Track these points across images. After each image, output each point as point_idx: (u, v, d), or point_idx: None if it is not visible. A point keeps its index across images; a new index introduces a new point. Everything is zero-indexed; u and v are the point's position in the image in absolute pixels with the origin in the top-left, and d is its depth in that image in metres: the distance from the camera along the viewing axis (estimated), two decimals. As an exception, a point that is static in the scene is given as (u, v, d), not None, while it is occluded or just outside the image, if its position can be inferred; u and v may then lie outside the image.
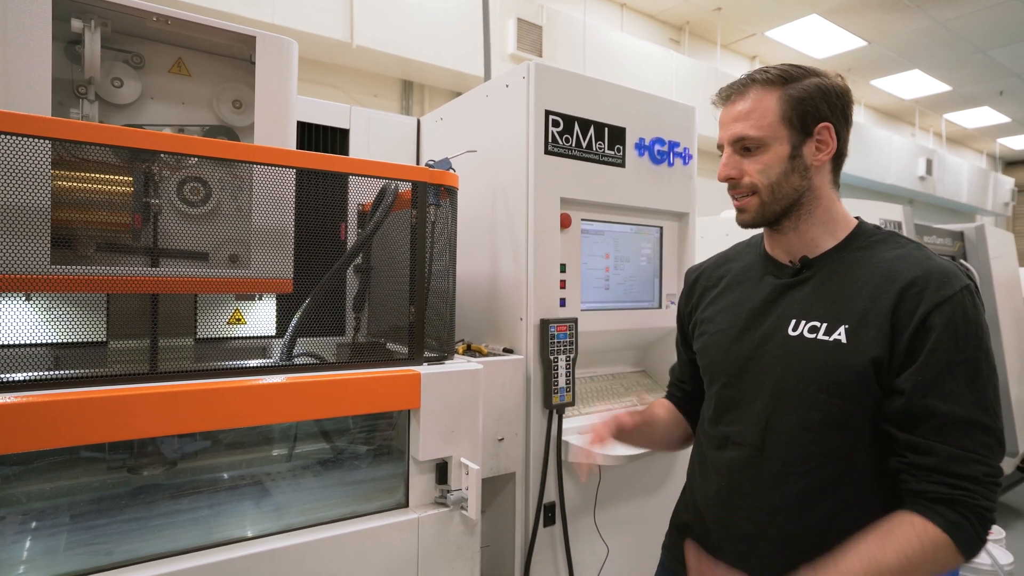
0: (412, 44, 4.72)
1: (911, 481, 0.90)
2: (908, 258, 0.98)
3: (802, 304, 1.03)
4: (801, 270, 1.06)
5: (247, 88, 1.50)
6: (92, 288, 1.10)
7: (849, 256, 1.03)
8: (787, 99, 1.01)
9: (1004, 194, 12.82)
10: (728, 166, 1.05)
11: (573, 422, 1.85)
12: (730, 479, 1.06)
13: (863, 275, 0.99)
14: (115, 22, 1.36)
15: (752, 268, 1.16)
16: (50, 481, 1.27)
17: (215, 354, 1.47)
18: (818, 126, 1.01)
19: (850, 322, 0.95)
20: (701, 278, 1.26)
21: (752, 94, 1.03)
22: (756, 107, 1.02)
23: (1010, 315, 4.16)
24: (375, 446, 1.59)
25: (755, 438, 1.03)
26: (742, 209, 1.06)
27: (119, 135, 1.10)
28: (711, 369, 1.15)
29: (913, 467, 0.90)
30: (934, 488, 0.87)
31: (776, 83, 1.01)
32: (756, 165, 1.02)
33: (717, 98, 1.10)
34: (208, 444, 1.47)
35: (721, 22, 7.15)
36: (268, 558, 1.16)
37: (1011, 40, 7.47)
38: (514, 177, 1.81)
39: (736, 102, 1.04)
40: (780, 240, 1.09)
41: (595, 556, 1.88)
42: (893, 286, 0.94)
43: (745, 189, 1.04)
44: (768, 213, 1.04)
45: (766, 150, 1.01)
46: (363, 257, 1.58)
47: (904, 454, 0.91)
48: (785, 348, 1.01)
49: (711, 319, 1.17)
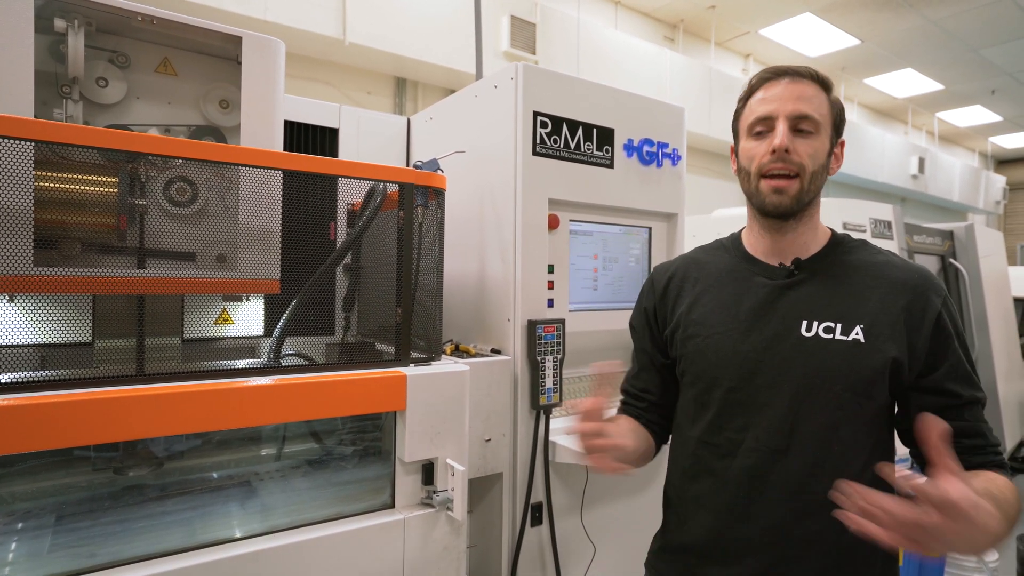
0: (405, 41, 4.70)
1: (967, 457, 0.95)
2: (895, 263, 1.06)
3: (808, 305, 1.03)
4: (794, 271, 1.07)
5: (234, 88, 1.49)
6: (77, 289, 1.10)
7: (837, 260, 1.07)
8: (834, 102, 1.06)
9: (995, 192, 12.90)
10: (787, 137, 1.00)
11: (560, 422, 1.86)
12: (749, 488, 1.01)
13: (860, 278, 1.04)
14: (99, 21, 1.35)
15: (734, 269, 1.13)
16: (34, 482, 1.27)
17: (203, 354, 1.47)
18: (839, 138, 1.08)
19: (864, 322, 0.99)
20: (675, 278, 1.20)
21: (810, 84, 1.03)
22: (816, 96, 1.03)
23: (999, 313, 4.20)
24: (362, 447, 1.59)
25: (778, 442, 1.00)
26: (782, 191, 1.02)
27: (101, 137, 1.09)
28: (709, 374, 1.08)
29: (966, 448, 0.97)
30: (991, 459, 0.98)
31: (825, 86, 1.05)
32: (810, 148, 1.01)
33: (767, 74, 1.06)
34: (195, 444, 1.47)
35: (715, 20, 7.16)
36: (253, 559, 1.16)
37: (1003, 39, 7.50)
38: (502, 178, 1.81)
39: (795, 83, 1.03)
40: (775, 239, 1.09)
41: (582, 556, 1.89)
42: (897, 289, 1.01)
43: (793, 167, 1.01)
44: (802, 201, 1.03)
45: (818, 137, 1.02)
46: (351, 257, 1.58)
47: (957, 440, 0.92)
48: (801, 349, 1.01)
49: (700, 321, 1.11)
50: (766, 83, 1.05)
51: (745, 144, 1.07)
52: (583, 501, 1.88)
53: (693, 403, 1.12)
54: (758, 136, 1.04)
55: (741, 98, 1.11)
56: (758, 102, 1.05)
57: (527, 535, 1.76)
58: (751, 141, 1.06)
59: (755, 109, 1.05)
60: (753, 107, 1.06)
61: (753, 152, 1.05)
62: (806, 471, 0.99)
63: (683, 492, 1.14)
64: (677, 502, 1.17)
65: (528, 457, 1.77)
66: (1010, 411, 4.13)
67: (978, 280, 4.06)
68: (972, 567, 2.50)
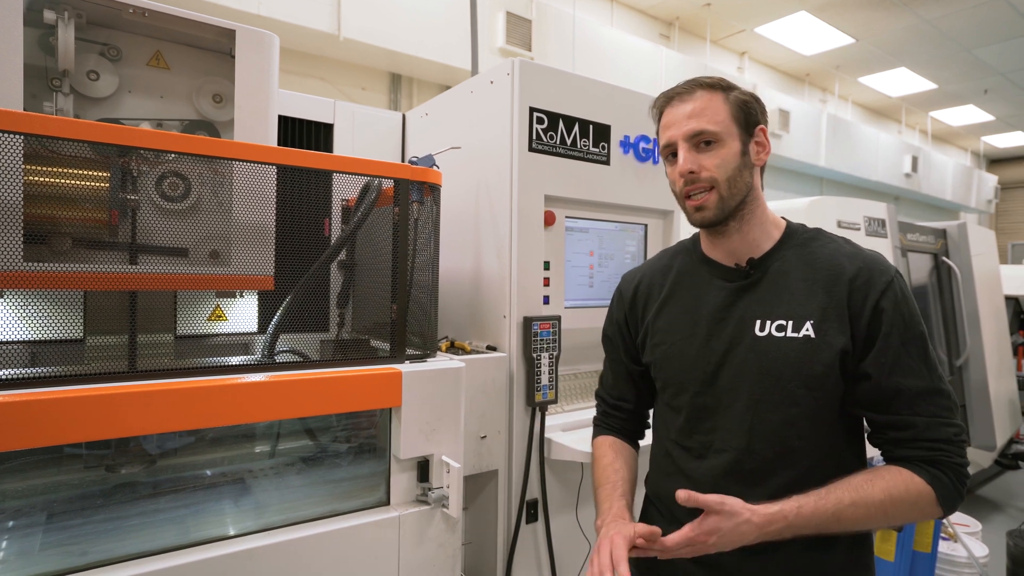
0: (401, 37, 4.68)
1: (893, 450, 1.00)
2: (843, 252, 1.06)
3: (760, 305, 1.06)
4: (749, 272, 1.09)
5: (228, 82, 1.48)
6: (67, 285, 1.08)
7: (790, 254, 1.08)
8: (733, 100, 1.06)
9: (988, 191, 12.99)
10: (689, 161, 1.04)
11: (556, 419, 1.86)
12: (714, 486, 1.03)
13: (810, 272, 1.05)
14: (90, 13, 1.33)
15: (694, 273, 1.16)
16: (25, 479, 1.25)
17: (196, 351, 1.45)
18: (757, 127, 1.07)
19: (813, 317, 1.01)
20: (641, 286, 1.23)
21: (700, 96, 1.05)
22: (708, 106, 1.04)
23: (990, 311, 4.23)
24: (357, 444, 1.58)
25: (739, 441, 1.04)
26: (701, 207, 1.06)
27: (92, 131, 1.08)
28: (676, 379, 1.12)
29: (894, 442, 1.00)
30: (917, 453, 0.97)
31: (717, 88, 1.06)
32: (714, 160, 1.04)
33: (660, 102, 1.11)
34: (188, 441, 1.46)
35: (711, 18, 7.16)
36: (247, 557, 1.15)
37: (996, 39, 7.55)
38: (498, 174, 1.80)
39: (685, 102, 1.06)
40: (722, 243, 1.11)
41: (577, 553, 1.89)
42: (841, 279, 1.02)
43: (704, 184, 1.04)
44: (726, 209, 1.05)
45: (722, 145, 1.04)
46: (346, 253, 1.57)
47: (884, 432, 1.01)
48: (756, 349, 1.04)
49: (666, 328, 1.15)
50: (664, 110, 1.10)
51: (667, 169, 1.13)
52: (578, 498, 1.88)
53: (667, 407, 1.17)
54: (671, 162, 1.10)
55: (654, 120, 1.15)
56: (662, 129, 1.10)
57: (522, 532, 1.76)
58: (668, 166, 1.11)
59: (662, 137, 1.11)
60: (660, 135, 1.11)
61: (672, 177, 1.10)
62: (766, 467, 1.03)
63: (660, 491, 1.18)
64: (655, 499, 1.21)
65: (523, 454, 1.76)
66: (1001, 408, 4.16)
67: (970, 278, 4.09)
68: (963, 563, 2.51)
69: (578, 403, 1.98)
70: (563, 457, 1.76)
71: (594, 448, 1.27)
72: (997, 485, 4.55)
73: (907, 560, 2.24)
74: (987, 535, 2.78)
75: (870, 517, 0.94)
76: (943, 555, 2.50)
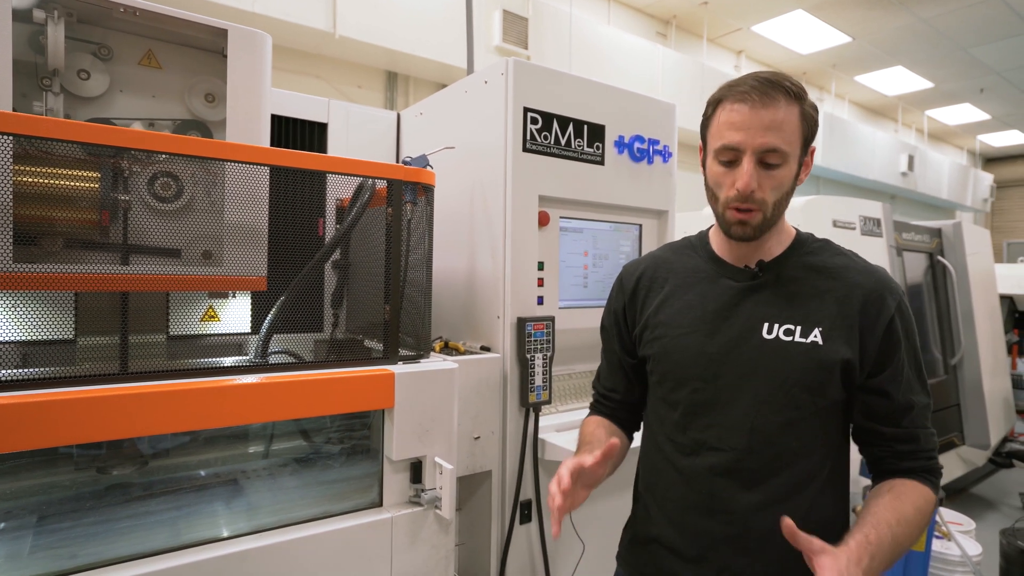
0: (397, 35, 4.66)
1: (897, 462, 1.04)
2: (855, 267, 1.07)
3: (768, 307, 1.05)
4: (758, 273, 1.08)
5: (220, 81, 1.47)
6: (58, 286, 1.08)
7: (799, 262, 1.08)
8: (805, 116, 0.99)
9: (983, 190, 13.03)
10: (754, 179, 0.97)
11: (550, 420, 1.86)
12: (711, 485, 1.05)
13: (821, 280, 1.05)
14: (80, 12, 1.32)
15: (701, 270, 1.14)
16: (15, 481, 1.25)
17: (188, 352, 1.45)
18: (810, 147, 1.04)
19: (823, 325, 1.01)
20: (643, 278, 1.21)
21: (782, 104, 0.96)
22: (787, 119, 0.96)
23: (985, 310, 4.24)
24: (350, 445, 1.58)
25: (738, 441, 1.03)
26: (745, 222, 1.01)
27: (83, 131, 1.07)
28: (675, 373, 1.11)
29: (899, 454, 1.04)
30: (919, 464, 1.03)
31: (796, 98, 0.97)
32: (773, 182, 0.98)
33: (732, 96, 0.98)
34: (181, 442, 1.45)
35: (707, 16, 7.15)
36: (239, 559, 1.15)
37: (993, 38, 7.56)
38: (492, 174, 1.80)
39: (766, 107, 0.95)
40: (740, 247, 1.10)
41: (571, 553, 1.89)
42: (854, 293, 1.03)
43: (755, 204, 0.99)
44: (765, 229, 1.03)
45: (785, 166, 0.98)
46: (340, 254, 1.56)
47: (891, 444, 1.04)
48: (763, 351, 1.03)
49: (667, 322, 1.13)
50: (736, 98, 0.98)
51: (712, 167, 1.03)
52: (572, 498, 1.88)
53: (661, 402, 1.15)
54: (725, 164, 1.00)
55: (710, 102, 1.05)
56: (726, 125, 0.99)
57: (516, 533, 1.76)
58: (718, 166, 1.02)
59: (723, 133, 0.99)
60: (721, 128, 1.00)
61: (720, 180, 1.02)
62: (766, 468, 1.03)
63: (651, 487, 1.18)
64: (646, 496, 1.20)
65: (517, 455, 1.76)
66: (995, 407, 4.18)
67: (965, 277, 4.10)
68: (956, 561, 2.52)
69: (572, 404, 1.98)
70: (557, 458, 1.76)
71: (581, 426, 1.28)
72: (991, 483, 4.58)
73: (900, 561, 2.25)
74: (980, 533, 2.79)
75: (910, 536, 0.96)
76: (936, 553, 2.51)
